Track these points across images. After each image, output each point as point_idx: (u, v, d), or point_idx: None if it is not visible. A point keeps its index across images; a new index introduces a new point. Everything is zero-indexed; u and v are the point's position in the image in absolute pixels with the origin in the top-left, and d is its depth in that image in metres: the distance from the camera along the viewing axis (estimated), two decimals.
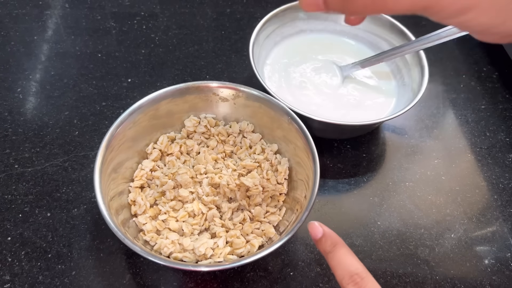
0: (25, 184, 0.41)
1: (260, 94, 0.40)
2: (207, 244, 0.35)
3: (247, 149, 0.42)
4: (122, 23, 0.58)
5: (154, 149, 0.41)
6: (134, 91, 0.50)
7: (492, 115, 0.52)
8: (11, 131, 0.45)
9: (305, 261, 0.38)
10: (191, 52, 0.55)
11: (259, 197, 0.38)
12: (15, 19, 0.57)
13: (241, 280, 0.37)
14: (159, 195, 0.38)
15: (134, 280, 0.36)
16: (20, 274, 0.36)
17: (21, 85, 0.49)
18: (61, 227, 0.39)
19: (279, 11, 0.49)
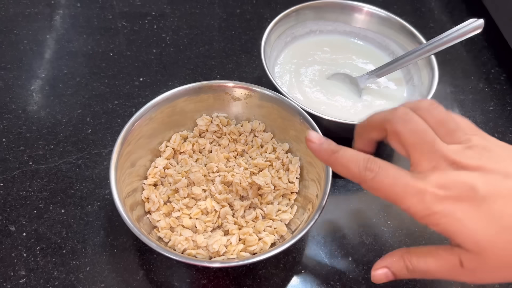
0: (40, 181, 0.42)
1: (272, 94, 0.41)
2: (220, 241, 0.35)
3: (259, 148, 0.43)
4: (133, 22, 0.58)
5: (167, 147, 0.41)
6: (146, 90, 0.50)
7: (501, 116, 0.52)
8: (25, 129, 0.46)
9: (315, 259, 0.39)
10: (202, 52, 0.55)
11: (270, 195, 0.39)
12: (27, 18, 0.57)
13: (253, 277, 0.37)
14: (172, 192, 0.39)
15: (148, 276, 0.37)
16: (36, 269, 0.37)
17: (34, 83, 0.50)
18: (75, 224, 0.39)
19: (290, 12, 0.49)
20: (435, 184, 0.26)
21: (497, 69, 0.57)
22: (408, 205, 0.26)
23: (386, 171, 0.27)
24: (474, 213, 0.25)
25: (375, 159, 0.28)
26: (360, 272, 0.38)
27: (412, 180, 0.26)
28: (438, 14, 0.65)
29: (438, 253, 0.28)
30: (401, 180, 0.27)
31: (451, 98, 0.54)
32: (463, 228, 0.26)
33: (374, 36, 0.52)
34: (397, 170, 0.27)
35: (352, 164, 0.28)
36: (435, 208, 0.26)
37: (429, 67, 0.46)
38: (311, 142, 0.30)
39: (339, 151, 0.29)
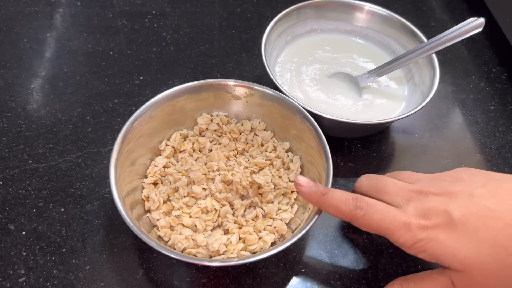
0: (39, 179, 0.42)
1: (273, 92, 0.41)
2: (220, 240, 0.35)
3: (259, 147, 0.43)
4: (133, 21, 0.58)
5: (167, 146, 0.41)
6: (146, 89, 0.50)
7: (502, 115, 0.52)
8: (24, 127, 0.46)
9: (316, 258, 0.39)
10: (202, 51, 0.55)
11: (271, 194, 0.39)
12: (27, 16, 0.57)
13: (253, 276, 0.37)
14: (172, 191, 0.39)
15: (147, 276, 0.37)
16: (35, 268, 0.36)
17: (34, 82, 0.50)
18: (75, 222, 0.39)
19: (291, 10, 0.49)
20: (417, 214, 0.30)
21: (498, 68, 0.57)
22: (397, 237, 0.30)
23: (375, 207, 0.30)
24: (454, 234, 0.29)
25: (363, 198, 0.31)
26: (360, 271, 0.38)
27: (397, 213, 0.30)
28: (439, 13, 0.65)
29: (433, 277, 0.31)
30: (389, 215, 0.30)
31: (452, 97, 0.53)
32: (447, 249, 0.29)
33: (375, 35, 0.52)
34: (384, 206, 0.30)
35: (342, 204, 0.31)
36: (420, 235, 0.29)
37: (430, 66, 0.46)
38: (301, 186, 0.32)
39: (328, 193, 0.31)
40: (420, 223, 0.29)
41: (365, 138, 0.48)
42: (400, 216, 0.30)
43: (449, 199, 0.30)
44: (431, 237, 0.29)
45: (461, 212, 0.29)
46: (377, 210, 0.30)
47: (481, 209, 0.29)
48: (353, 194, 0.31)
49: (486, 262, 0.28)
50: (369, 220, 0.30)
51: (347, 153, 0.46)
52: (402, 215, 0.30)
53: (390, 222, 0.30)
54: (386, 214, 0.30)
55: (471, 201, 0.29)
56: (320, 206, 0.32)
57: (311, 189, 0.31)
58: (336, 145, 0.46)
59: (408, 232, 0.29)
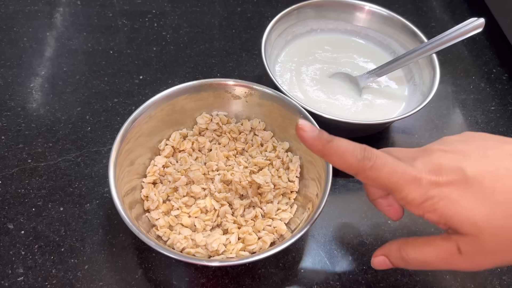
0: (38, 178, 0.42)
1: (273, 92, 0.41)
2: (219, 240, 0.35)
3: (259, 146, 0.42)
4: (133, 20, 0.58)
5: (166, 145, 0.41)
6: (146, 88, 0.50)
7: (502, 116, 0.52)
8: (24, 126, 0.46)
9: (315, 258, 0.39)
10: (202, 50, 0.55)
11: (270, 194, 0.39)
12: (27, 15, 0.57)
13: (252, 276, 0.37)
14: (171, 191, 0.39)
15: (146, 275, 0.37)
16: (34, 267, 0.36)
17: (33, 81, 0.50)
18: (73, 222, 0.39)
19: (291, 10, 0.49)
20: (427, 169, 0.27)
21: (499, 68, 0.57)
22: (406, 193, 0.27)
23: (384, 159, 0.27)
24: (468, 193, 0.26)
25: (371, 149, 0.27)
26: (360, 272, 0.38)
27: (408, 168, 0.27)
28: (439, 13, 0.65)
29: (435, 242, 0.28)
30: (398, 168, 0.27)
31: (452, 97, 0.53)
32: (460, 209, 0.26)
33: (376, 35, 0.52)
34: (393, 159, 0.27)
35: (349, 154, 0.27)
36: (431, 192, 0.26)
37: (431, 66, 0.46)
38: (302, 131, 0.28)
39: (333, 140, 0.28)
40: (432, 179, 0.26)
41: (365, 138, 0.48)
42: (411, 171, 0.27)
43: (461, 156, 0.27)
44: (444, 195, 0.26)
45: (476, 169, 0.26)
46: (387, 162, 0.27)
47: (498, 169, 0.26)
48: (360, 144, 0.27)
49: (501, 227, 0.26)
50: (377, 172, 0.27)
51: None
52: (412, 169, 0.27)
53: (400, 176, 0.26)
54: (396, 167, 0.27)
55: (486, 159, 0.27)
56: (323, 155, 0.28)
57: (314, 134, 0.28)
58: None
59: (418, 188, 0.26)
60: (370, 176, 0.27)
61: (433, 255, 0.28)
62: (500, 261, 0.27)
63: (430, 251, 0.28)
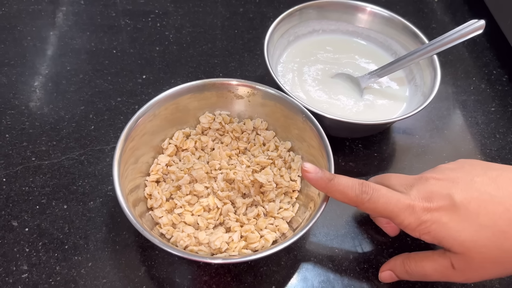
0: (42, 176, 0.42)
1: (275, 92, 0.41)
2: (222, 238, 0.35)
3: (261, 146, 0.43)
4: (136, 20, 0.58)
5: (169, 144, 0.42)
6: (149, 87, 0.51)
7: (502, 117, 0.52)
8: (28, 125, 0.46)
9: (317, 257, 0.39)
10: (205, 50, 0.56)
11: (272, 193, 0.39)
12: (31, 14, 0.58)
13: (254, 274, 0.38)
14: (174, 189, 0.39)
15: (149, 273, 0.37)
16: (38, 264, 0.37)
17: (37, 80, 0.50)
18: (77, 219, 0.40)
19: (293, 11, 0.49)
20: (420, 197, 0.31)
21: (499, 70, 0.57)
22: (402, 219, 0.31)
23: (379, 192, 0.31)
24: (455, 217, 0.30)
25: (368, 183, 0.32)
26: (361, 270, 0.38)
27: (401, 197, 0.31)
28: (440, 15, 0.65)
29: (433, 258, 0.32)
30: (393, 198, 0.31)
31: (453, 98, 0.54)
32: (449, 232, 0.30)
33: (377, 36, 0.52)
34: (388, 190, 0.31)
35: (349, 190, 0.31)
36: (424, 217, 0.30)
37: (432, 67, 0.46)
38: (308, 173, 0.32)
39: (334, 178, 0.32)
40: (424, 206, 0.30)
41: (366, 138, 0.48)
42: (404, 199, 0.30)
43: (451, 183, 0.31)
44: (435, 219, 0.30)
45: (463, 195, 0.30)
46: (382, 194, 0.31)
47: (482, 194, 0.30)
48: (358, 180, 0.32)
49: (486, 246, 0.29)
50: (374, 204, 0.31)
51: (348, 153, 0.47)
52: (406, 198, 0.31)
53: (395, 205, 0.30)
54: (390, 197, 0.31)
55: (473, 186, 0.30)
56: (326, 192, 0.32)
57: (317, 175, 0.32)
58: (338, 145, 0.47)
59: (412, 214, 0.30)
60: (369, 207, 0.31)
61: (431, 269, 0.32)
62: (488, 275, 0.31)
63: (429, 265, 0.32)
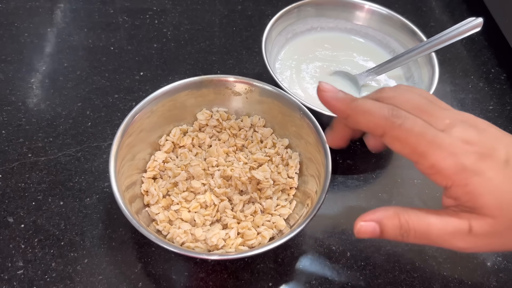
0: (39, 173, 0.42)
1: (273, 89, 0.41)
2: (219, 234, 0.35)
3: (258, 143, 0.43)
4: (134, 17, 0.58)
5: (166, 141, 0.41)
6: (147, 84, 0.50)
7: (500, 116, 0.52)
8: (24, 121, 0.46)
9: (314, 254, 0.39)
10: (203, 48, 0.55)
11: (270, 190, 0.39)
12: (29, 11, 0.57)
13: (251, 271, 0.37)
14: (171, 186, 0.39)
15: (146, 269, 0.37)
16: (33, 261, 0.37)
17: (34, 76, 0.50)
18: (73, 216, 0.39)
19: (291, 8, 0.49)
20: (461, 138, 0.25)
21: (497, 68, 0.57)
22: (437, 159, 0.24)
23: (414, 120, 0.25)
24: (502, 174, 0.24)
25: (399, 109, 0.25)
26: (358, 268, 0.38)
27: (439, 133, 0.25)
28: (439, 13, 0.65)
29: (443, 216, 0.26)
30: (430, 130, 0.24)
31: (451, 96, 0.54)
32: (491, 189, 0.24)
33: (375, 33, 0.52)
34: (424, 122, 0.25)
35: (376, 111, 0.25)
36: (467, 162, 0.24)
37: (430, 65, 0.46)
38: (324, 92, 0.26)
39: (357, 100, 0.26)
40: (466, 148, 0.24)
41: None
42: (444, 136, 0.24)
43: (495, 137, 0.25)
44: (479, 170, 0.24)
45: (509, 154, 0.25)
46: (417, 123, 0.25)
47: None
48: (387, 104, 0.26)
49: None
50: (407, 132, 0.24)
51: (346, 150, 0.47)
52: (446, 135, 0.25)
53: (432, 139, 0.24)
54: (427, 129, 0.24)
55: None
56: (347, 115, 0.26)
57: (336, 95, 0.26)
58: None
59: (452, 156, 0.24)
60: (400, 135, 0.25)
61: (440, 228, 0.26)
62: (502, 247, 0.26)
63: (437, 223, 0.25)
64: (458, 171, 0.24)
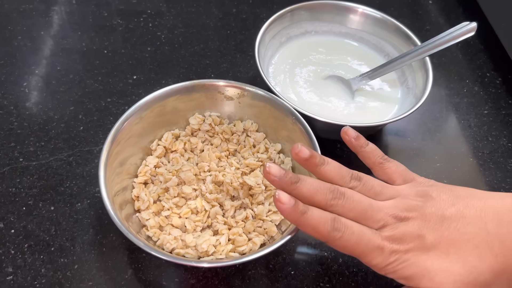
0: (30, 177, 0.42)
1: (265, 93, 0.41)
2: (209, 241, 0.35)
3: (251, 148, 0.42)
4: (128, 20, 0.58)
5: (158, 145, 0.41)
6: (140, 88, 0.50)
7: (495, 120, 0.52)
8: (16, 125, 0.46)
9: (306, 260, 0.39)
10: (197, 51, 0.55)
11: (261, 195, 0.39)
12: (22, 14, 0.57)
13: (242, 277, 0.37)
14: (162, 191, 0.39)
15: (136, 275, 0.37)
16: (23, 266, 0.36)
17: (27, 80, 0.50)
18: (64, 221, 0.39)
19: (285, 12, 0.49)
20: (390, 239, 0.30)
21: (493, 72, 0.57)
22: (370, 259, 0.30)
23: (351, 229, 0.30)
24: (424, 256, 0.30)
25: (340, 218, 0.30)
26: (350, 274, 0.38)
27: (372, 237, 0.30)
28: (435, 17, 0.65)
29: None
30: (364, 238, 0.30)
31: (446, 101, 0.53)
32: (417, 270, 0.30)
33: (370, 37, 0.52)
34: (359, 228, 0.30)
35: (321, 226, 0.30)
36: (391, 259, 0.30)
37: (424, 69, 0.46)
38: (281, 203, 0.30)
39: (307, 212, 0.30)
40: (393, 248, 0.30)
41: None
42: (375, 240, 0.30)
43: (423, 222, 0.31)
44: (402, 260, 0.30)
45: (433, 236, 0.30)
46: (354, 232, 0.30)
47: (452, 233, 0.30)
48: (331, 214, 0.30)
49: (459, 281, 0.29)
50: (345, 243, 0.30)
51: (339, 155, 0.46)
52: (377, 238, 0.30)
53: (365, 245, 0.30)
54: (362, 237, 0.30)
55: (443, 224, 0.31)
56: (298, 225, 0.31)
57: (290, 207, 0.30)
58: (329, 147, 0.46)
59: (380, 255, 0.30)
60: (339, 245, 0.30)
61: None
62: None
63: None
64: (386, 265, 0.30)
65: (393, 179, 0.35)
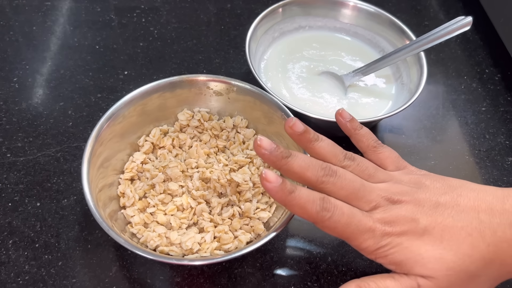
0: (16, 173, 0.41)
1: (252, 88, 0.40)
2: (194, 238, 0.34)
3: (240, 144, 0.42)
4: (121, 15, 0.58)
5: (146, 141, 0.41)
6: (130, 84, 0.50)
7: (493, 117, 0.51)
8: (5, 120, 0.45)
9: (294, 259, 0.38)
10: (190, 46, 0.55)
11: (249, 192, 0.38)
12: (15, 9, 0.57)
13: (228, 276, 0.36)
14: (148, 188, 0.38)
15: (121, 273, 0.36)
16: (7, 262, 0.36)
17: (17, 75, 0.49)
18: (50, 217, 0.39)
19: (276, 8, 0.48)
20: (382, 221, 0.29)
21: (492, 69, 0.56)
22: (360, 242, 0.29)
23: (341, 209, 0.29)
24: (418, 241, 0.29)
25: (329, 198, 0.29)
26: (339, 273, 0.37)
27: (363, 218, 0.29)
28: (433, 12, 0.64)
29: (395, 278, 0.30)
30: (354, 219, 0.29)
31: (442, 97, 0.52)
32: (410, 255, 0.29)
33: (364, 32, 0.51)
34: (349, 208, 0.29)
35: (309, 205, 0.28)
36: (383, 242, 0.29)
37: (419, 64, 0.45)
38: (267, 182, 0.28)
39: (295, 191, 0.29)
40: (385, 230, 0.29)
41: None
42: (366, 221, 0.29)
43: (416, 206, 0.30)
44: (395, 243, 0.29)
45: (427, 220, 0.29)
46: (344, 213, 0.29)
47: (446, 219, 0.29)
48: (320, 194, 0.29)
49: (452, 269, 0.28)
50: (335, 224, 0.29)
51: None
52: (368, 219, 0.29)
53: (356, 226, 0.29)
54: (352, 217, 0.29)
55: (437, 209, 0.30)
56: (286, 205, 0.29)
57: (277, 185, 0.28)
58: None
59: (372, 238, 0.29)
60: (328, 226, 0.29)
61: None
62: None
63: (393, 284, 0.29)
64: (377, 248, 0.29)
65: (385, 165, 0.34)
